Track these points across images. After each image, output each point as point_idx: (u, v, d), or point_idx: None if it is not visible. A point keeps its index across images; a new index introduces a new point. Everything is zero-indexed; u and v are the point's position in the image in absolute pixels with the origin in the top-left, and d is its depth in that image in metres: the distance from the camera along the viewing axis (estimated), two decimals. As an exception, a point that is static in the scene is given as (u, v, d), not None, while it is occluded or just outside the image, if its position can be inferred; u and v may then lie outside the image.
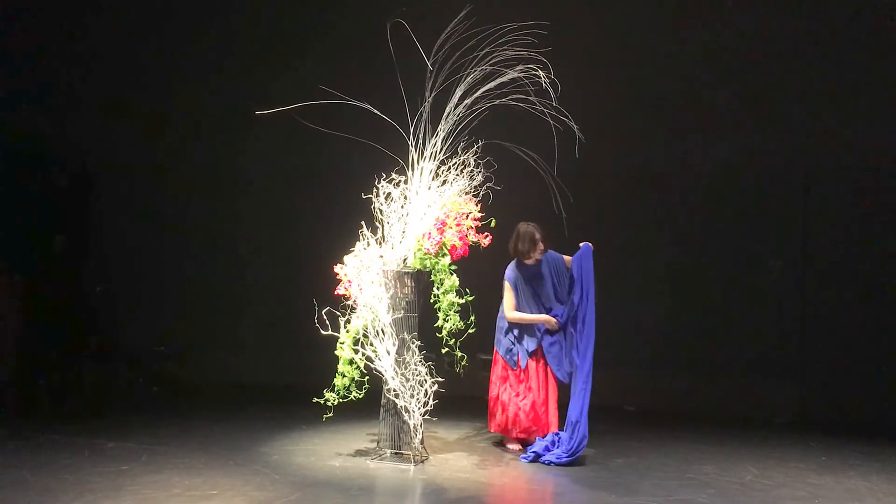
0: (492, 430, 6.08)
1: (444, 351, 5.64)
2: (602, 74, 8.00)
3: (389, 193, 5.71)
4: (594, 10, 8.09)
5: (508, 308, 5.94)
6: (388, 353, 5.49)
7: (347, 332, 5.52)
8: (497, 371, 6.03)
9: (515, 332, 5.97)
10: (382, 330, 5.52)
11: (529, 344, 5.93)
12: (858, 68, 7.55)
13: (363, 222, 5.70)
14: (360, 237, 5.69)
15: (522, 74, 5.70)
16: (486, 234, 5.73)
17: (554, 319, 5.88)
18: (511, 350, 5.95)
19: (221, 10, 9.10)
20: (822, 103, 7.62)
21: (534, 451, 5.71)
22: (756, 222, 7.78)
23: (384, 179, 5.73)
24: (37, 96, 9.15)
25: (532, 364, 5.93)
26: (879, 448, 6.35)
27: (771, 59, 7.77)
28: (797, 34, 7.69)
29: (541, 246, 5.97)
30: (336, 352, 5.54)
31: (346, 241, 5.77)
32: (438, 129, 5.75)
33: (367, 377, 5.54)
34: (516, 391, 5.91)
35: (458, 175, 5.77)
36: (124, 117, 9.25)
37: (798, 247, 7.67)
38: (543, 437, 5.83)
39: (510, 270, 6.01)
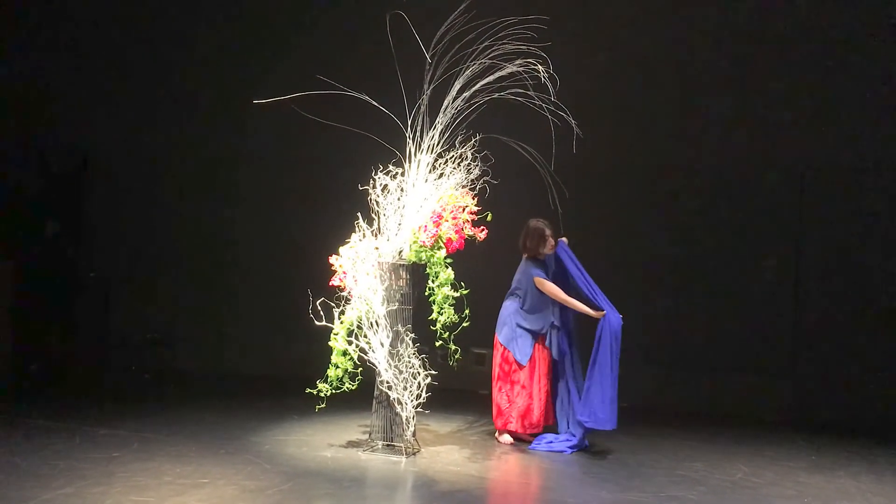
0: (497, 428, 6.10)
1: (437, 344, 5.64)
2: (600, 71, 7.99)
3: (386, 185, 5.70)
4: (593, 7, 8.08)
5: (561, 294, 5.91)
6: (382, 344, 5.49)
7: (342, 323, 5.52)
8: (496, 369, 6.04)
9: (524, 325, 5.98)
10: (376, 322, 5.51)
11: (531, 342, 5.96)
12: (855, 66, 7.55)
13: (359, 213, 5.69)
14: (356, 228, 5.68)
15: (521, 69, 5.70)
16: (482, 227, 5.72)
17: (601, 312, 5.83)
18: (513, 341, 5.96)
19: (220, -1, 9.07)
20: (819, 102, 7.62)
21: (548, 443, 5.85)
22: (751, 220, 7.79)
23: (381, 171, 5.73)
24: (30, 82, 9.11)
25: (536, 360, 5.97)
26: (869, 448, 6.39)
27: (768, 57, 7.77)
28: (793, 31, 7.69)
29: (550, 241, 6.01)
30: (330, 343, 5.53)
31: (341, 232, 5.76)
32: (436, 121, 5.74)
33: (360, 369, 5.54)
34: (515, 389, 5.93)
35: (455, 168, 5.76)
36: (119, 103, 9.21)
37: (792, 245, 7.69)
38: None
39: (533, 267, 6.00)
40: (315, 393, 5.50)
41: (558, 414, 6.08)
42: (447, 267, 5.61)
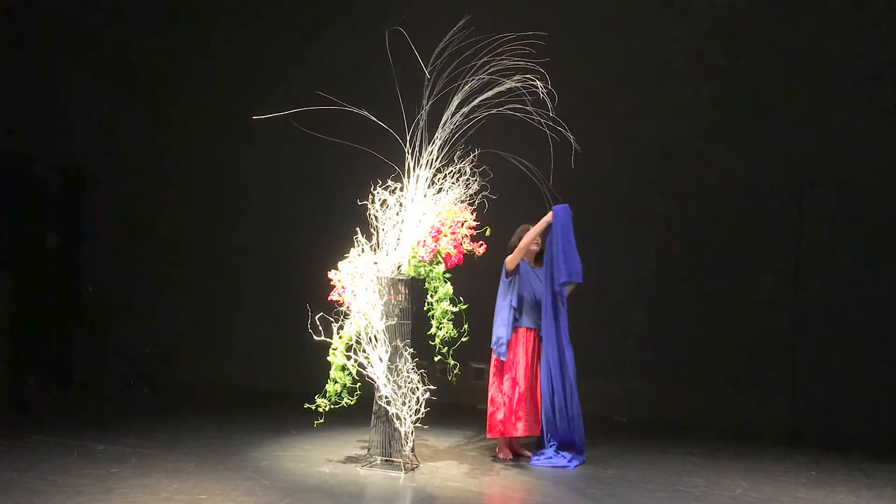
0: (488, 437, 6.06)
1: (436, 359, 5.63)
2: (598, 85, 8.02)
3: (385, 200, 5.71)
4: (591, 22, 8.12)
5: (520, 243, 5.96)
6: (381, 359, 5.48)
7: (340, 338, 5.52)
8: (490, 372, 6.05)
9: (504, 317, 5.98)
10: (375, 337, 5.51)
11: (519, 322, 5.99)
12: (854, 81, 7.59)
13: (358, 228, 5.70)
14: (355, 243, 5.69)
15: (520, 84, 5.72)
16: (480, 242, 5.73)
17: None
18: (500, 340, 5.95)
19: (221, 16, 9.12)
20: (817, 116, 7.66)
21: (548, 458, 5.85)
22: (749, 235, 7.81)
23: (380, 186, 5.74)
24: (35, 96, 9.14)
25: (517, 355, 5.96)
26: (869, 463, 6.37)
27: (766, 72, 7.81)
28: (790, 47, 7.73)
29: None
30: (328, 358, 5.54)
31: (340, 247, 5.78)
32: (435, 136, 5.76)
33: (359, 384, 5.54)
34: (501, 385, 5.93)
35: (453, 183, 5.78)
36: (121, 118, 9.25)
37: (790, 261, 7.70)
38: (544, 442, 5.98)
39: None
40: (314, 408, 5.49)
41: (545, 426, 6.06)
42: (446, 282, 5.62)
